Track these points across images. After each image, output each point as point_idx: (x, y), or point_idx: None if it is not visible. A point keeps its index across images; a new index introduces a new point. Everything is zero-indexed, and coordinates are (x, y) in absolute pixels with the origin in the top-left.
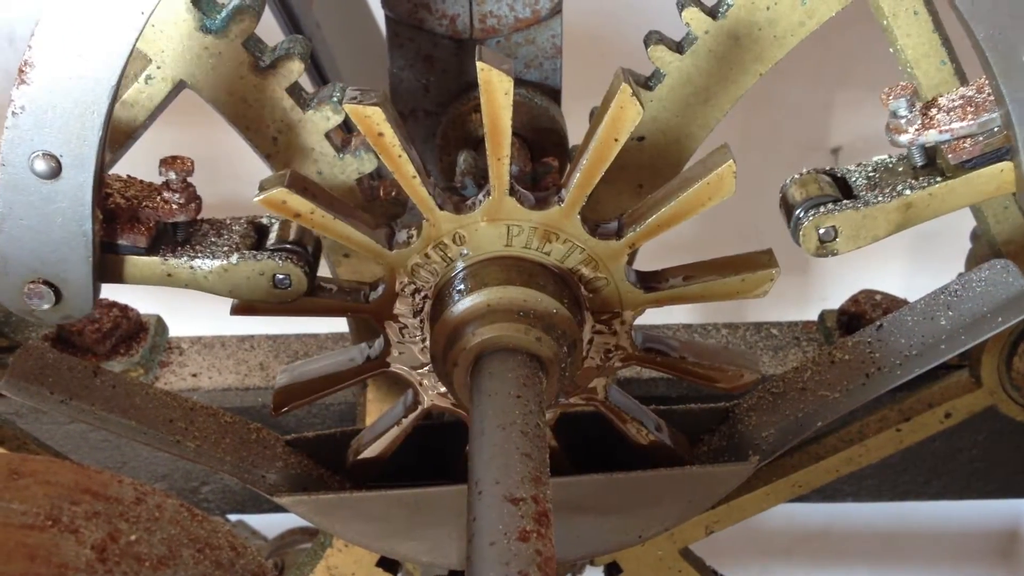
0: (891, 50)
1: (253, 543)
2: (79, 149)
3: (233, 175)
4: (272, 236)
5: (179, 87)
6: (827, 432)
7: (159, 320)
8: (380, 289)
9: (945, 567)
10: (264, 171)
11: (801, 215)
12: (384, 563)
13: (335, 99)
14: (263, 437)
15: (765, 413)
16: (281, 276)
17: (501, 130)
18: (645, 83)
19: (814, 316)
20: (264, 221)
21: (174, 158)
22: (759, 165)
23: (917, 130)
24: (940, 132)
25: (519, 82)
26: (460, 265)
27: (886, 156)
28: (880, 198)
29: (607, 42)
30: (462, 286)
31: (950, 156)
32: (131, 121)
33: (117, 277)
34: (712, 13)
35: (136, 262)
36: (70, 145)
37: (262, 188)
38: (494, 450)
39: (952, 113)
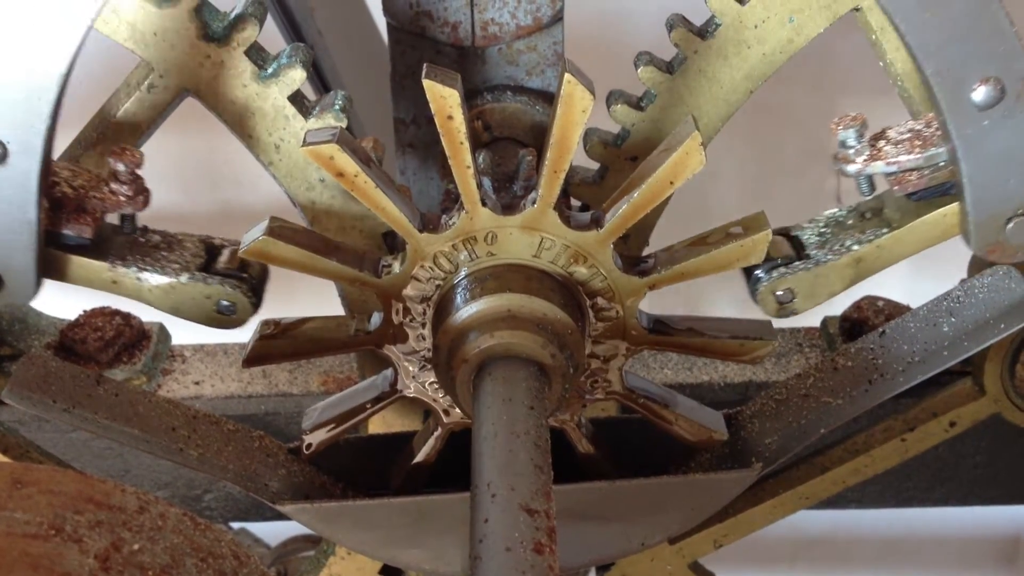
0: (880, 64)
1: (256, 551)
2: (26, 136)
3: (235, 182)
4: (222, 260)
5: (181, 95)
6: (832, 443)
7: (162, 328)
8: (396, 266)
9: (949, 573)
10: (265, 178)
11: (762, 276)
12: (387, 571)
13: (337, 107)
14: (266, 445)
15: (768, 420)
16: (227, 303)
17: (568, 145)
18: (636, 103)
19: (816, 322)
20: (216, 242)
21: (123, 149)
22: (761, 172)
23: (865, 160)
24: (887, 164)
25: (520, 90)
26: (485, 264)
27: (836, 209)
28: (830, 256)
29: (609, 49)
30: (483, 285)
31: (896, 188)
32: (134, 129)
33: (62, 275)
34: (700, 33)
35: (83, 263)
36: (17, 132)
37: (308, 142)
38: (509, 456)
39: (900, 146)
